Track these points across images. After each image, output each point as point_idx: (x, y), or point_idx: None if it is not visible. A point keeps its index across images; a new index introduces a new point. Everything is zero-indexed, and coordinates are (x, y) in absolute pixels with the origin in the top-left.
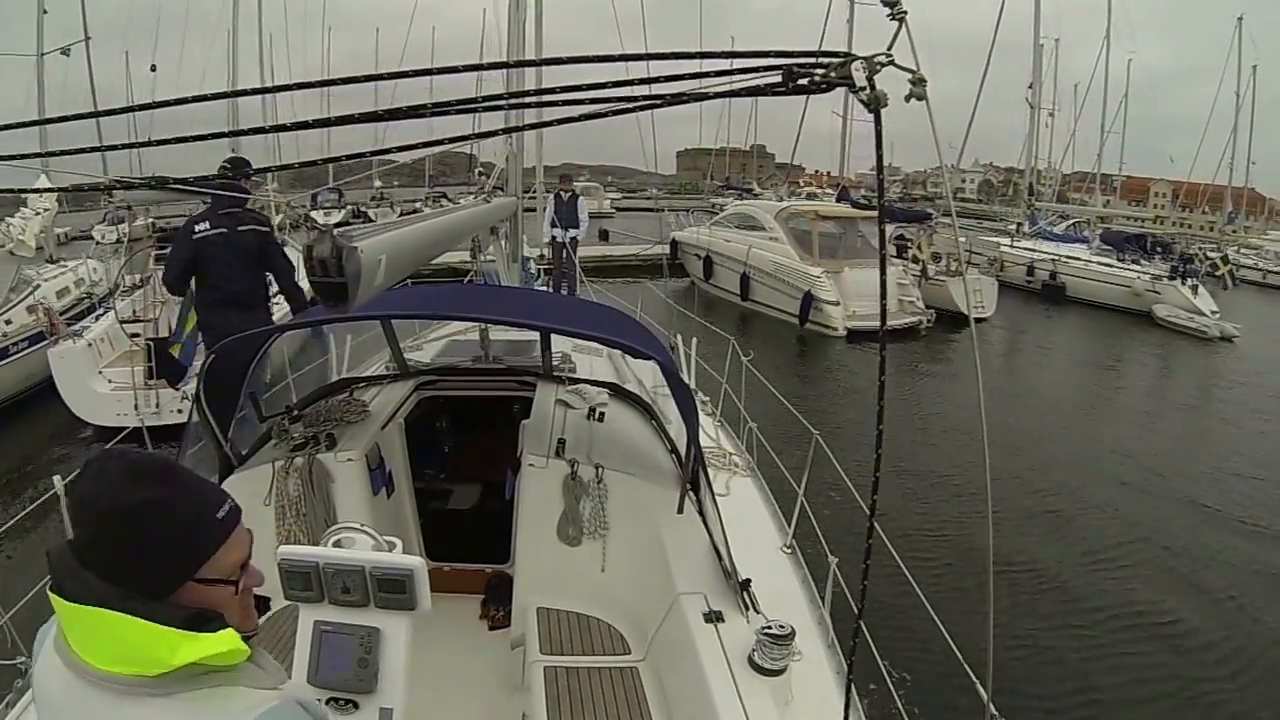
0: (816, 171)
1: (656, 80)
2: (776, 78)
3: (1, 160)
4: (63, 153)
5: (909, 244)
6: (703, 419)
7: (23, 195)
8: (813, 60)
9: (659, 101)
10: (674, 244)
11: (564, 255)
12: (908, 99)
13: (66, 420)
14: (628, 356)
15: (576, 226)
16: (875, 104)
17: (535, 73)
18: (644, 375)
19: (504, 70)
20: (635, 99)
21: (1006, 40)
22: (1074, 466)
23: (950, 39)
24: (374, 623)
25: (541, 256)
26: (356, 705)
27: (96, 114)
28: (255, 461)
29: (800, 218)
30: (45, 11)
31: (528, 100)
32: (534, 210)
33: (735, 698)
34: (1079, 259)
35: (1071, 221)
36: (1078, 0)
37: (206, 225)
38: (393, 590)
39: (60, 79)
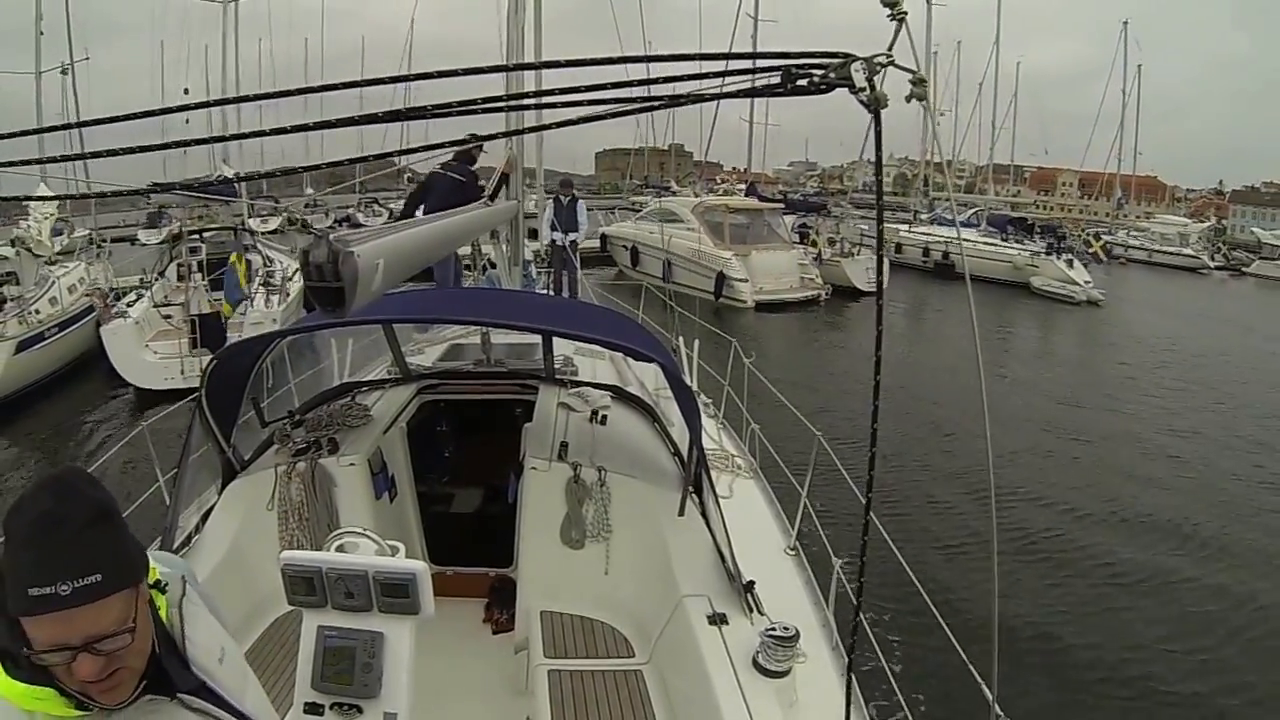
0: (734, 169)
1: (655, 81)
2: (775, 79)
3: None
4: (75, 157)
5: (809, 230)
6: (705, 421)
7: (25, 202)
8: (812, 61)
9: (658, 103)
10: (604, 238)
11: (564, 258)
12: (908, 99)
13: (94, 392)
14: (630, 359)
15: (576, 230)
16: (875, 105)
17: (534, 76)
18: (646, 378)
19: (497, 74)
20: (634, 100)
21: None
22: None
23: (869, 39)
24: (377, 627)
25: (539, 258)
26: (360, 710)
27: (82, 124)
28: (258, 467)
29: (714, 211)
30: (42, 33)
31: (527, 103)
32: (533, 215)
33: (740, 700)
34: (967, 240)
35: (973, 210)
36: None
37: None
38: (396, 595)
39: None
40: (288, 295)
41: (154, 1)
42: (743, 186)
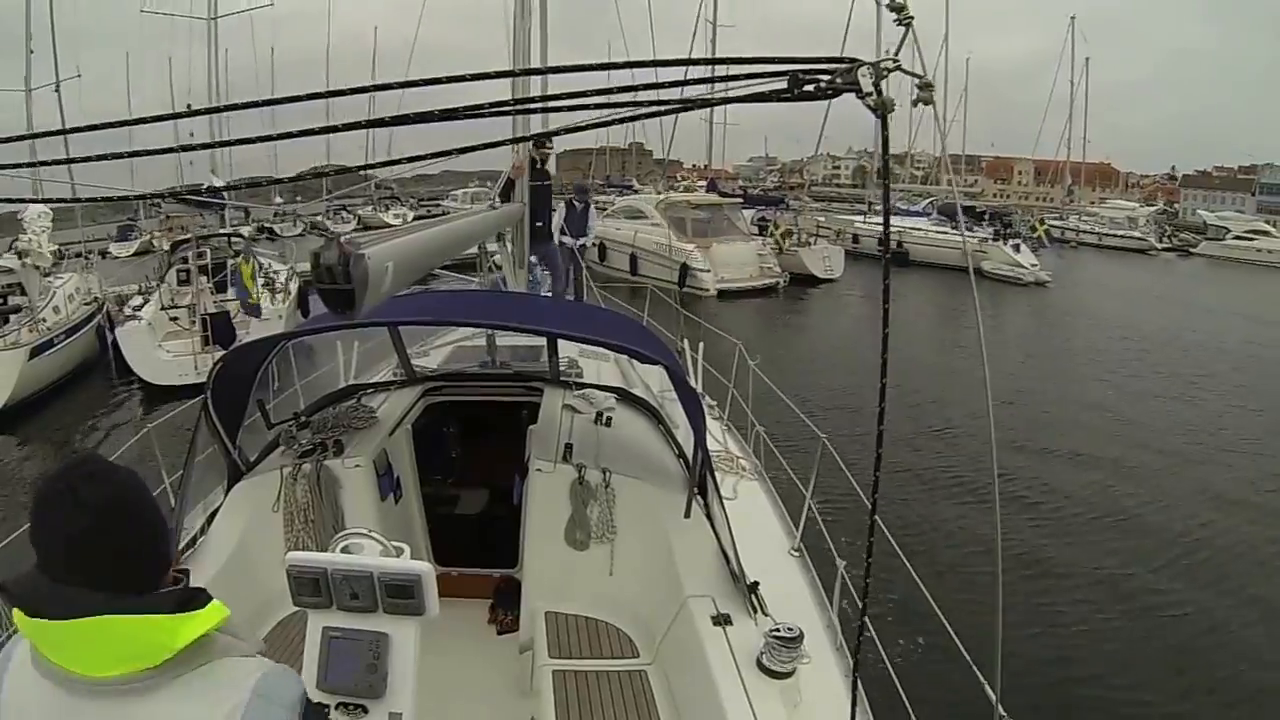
0: (694, 165)
1: (662, 86)
2: (782, 84)
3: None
4: (84, 160)
5: (768, 223)
6: (710, 423)
7: (18, 215)
8: (819, 67)
9: (666, 108)
10: None
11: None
12: (914, 104)
13: (100, 394)
14: (635, 361)
15: (585, 235)
16: (882, 109)
17: (540, 80)
18: (651, 380)
19: (494, 79)
20: (642, 104)
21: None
22: (936, 384)
23: (821, 41)
24: (382, 628)
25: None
26: (366, 710)
27: (66, 131)
28: (263, 468)
29: (677, 207)
30: (32, 51)
31: (534, 107)
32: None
33: (744, 700)
34: (920, 229)
35: (931, 200)
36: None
37: None
38: (401, 595)
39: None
40: (289, 294)
41: (141, 19)
42: (704, 183)
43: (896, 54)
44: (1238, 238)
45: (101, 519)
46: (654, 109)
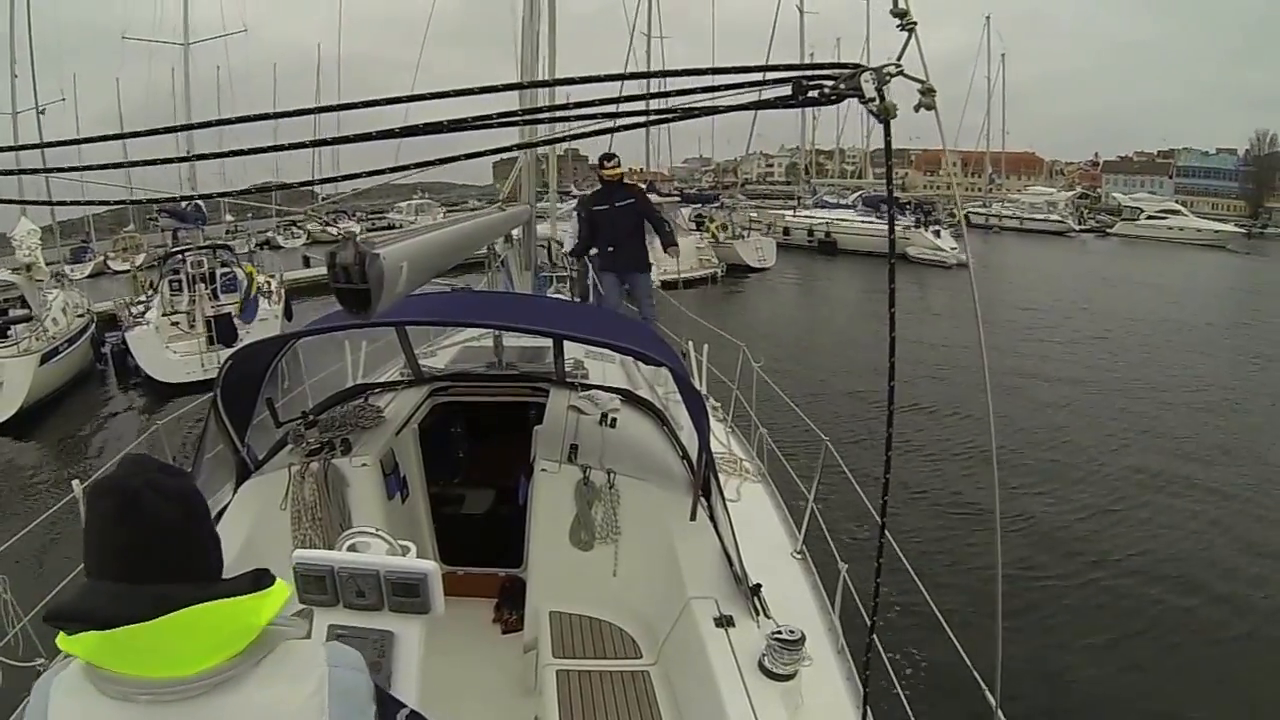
0: (630, 168)
1: (668, 95)
2: (786, 90)
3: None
4: (75, 168)
5: (705, 219)
6: (714, 424)
7: (9, 234)
8: (821, 73)
9: (670, 116)
10: None
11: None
12: (917, 109)
13: (101, 399)
14: (640, 363)
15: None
16: (885, 115)
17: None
18: (656, 381)
19: (505, 91)
20: (647, 113)
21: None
22: (871, 353)
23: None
24: (388, 626)
25: (553, 264)
26: None
27: (46, 145)
28: (271, 466)
29: None
30: (16, 76)
31: (541, 117)
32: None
33: (746, 702)
34: (846, 220)
35: (859, 194)
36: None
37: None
38: (406, 594)
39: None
40: (280, 298)
41: (124, 44)
42: (643, 185)
43: (899, 59)
44: (1150, 217)
45: (183, 510)
46: (660, 117)
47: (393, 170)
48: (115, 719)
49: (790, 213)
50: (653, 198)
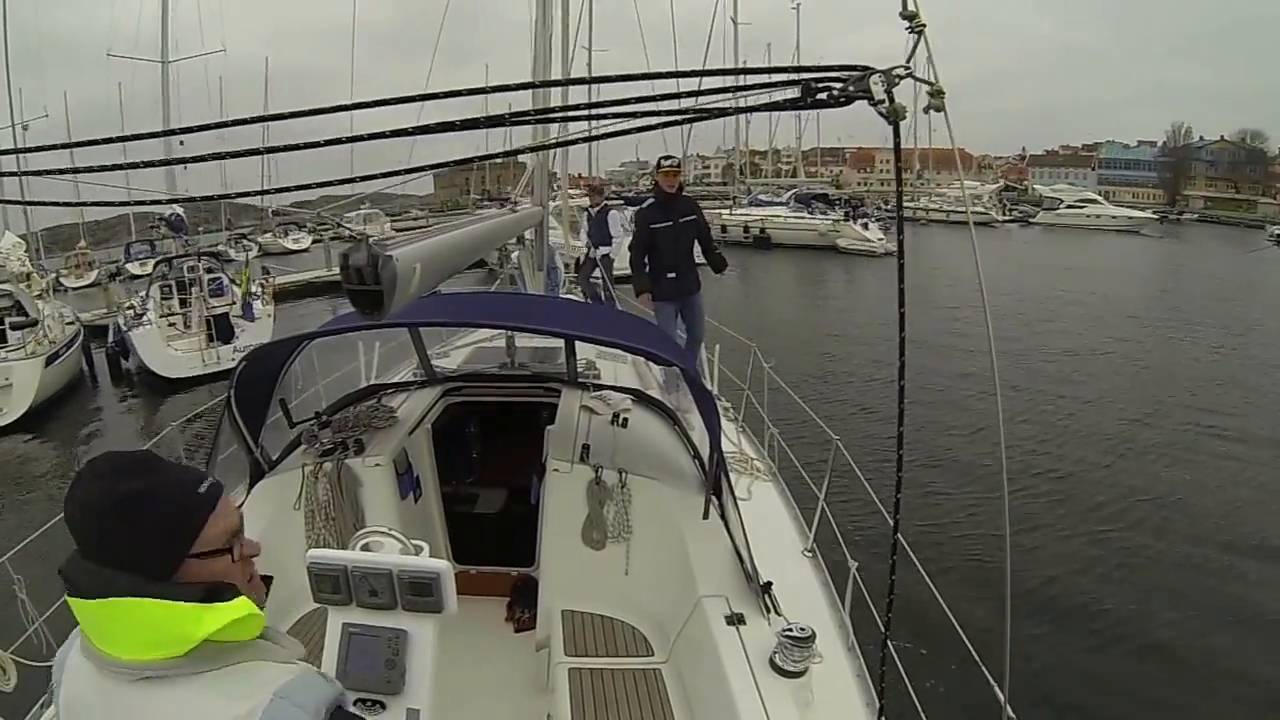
0: (572, 174)
1: (681, 95)
2: (795, 92)
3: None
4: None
5: None
6: (724, 424)
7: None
8: (831, 75)
9: (682, 117)
10: None
11: (595, 272)
12: (926, 110)
13: (99, 400)
14: (651, 363)
15: (608, 243)
16: (894, 117)
17: (561, 90)
18: (667, 381)
19: (520, 90)
20: (659, 114)
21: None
22: (807, 337)
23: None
24: (401, 625)
25: (566, 267)
26: (384, 706)
27: (34, 149)
28: (285, 467)
29: (570, 211)
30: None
31: (554, 117)
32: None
33: (757, 699)
34: (780, 216)
35: (792, 192)
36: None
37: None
38: (420, 593)
39: None
40: (270, 299)
41: (110, 64)
42: (578, 190)
43: (908, 61)
44: (1069, 207)
45: (111, 501)
46: (671, 118)
47: (407, 172)
48: (86, 681)
49: (727, 211)
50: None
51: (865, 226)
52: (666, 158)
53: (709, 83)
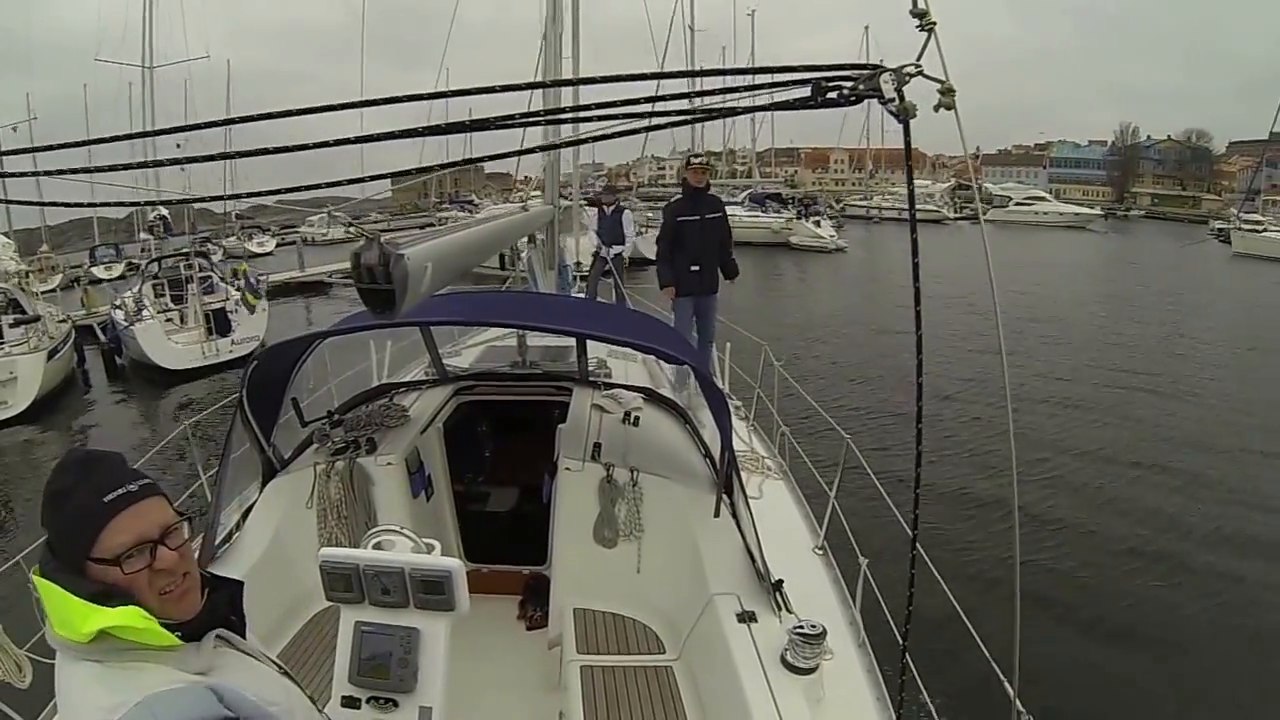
0: (525, 177)
1: (689, 95)
2: (805, 92)
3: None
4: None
5: None
6: (735, 422)
7: None
8: (841, 74)
9: (691, 117)
10: None
11: (607, 271)
12: (936, 109)
13: (93, 395)
14: (662, 361)
15: (621, 243)
16: (905, 115)
17: (571, 90)
18: (678, 380)
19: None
20: (669, 114)
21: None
22: (773, 327)
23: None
24: (413, 623)
25: (578, 264)
26: (396, 704)
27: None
28: (297, 465)
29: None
30: None
31: (564, 117)
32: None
33: (768, 696)
34: (734, 215)
35: (748, 192)
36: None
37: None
38: (432, 591)
39: None
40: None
41: (96, 67)
42: (538, 193)
43: (918, 59)
44: (1018, 204)
45: (46, 491)
46: (682, 118)
47: (420, 171)
48: None
49: None
50: (563, 203)
51: (817, 224)
52: (695, 155)
53: (714, 83)
